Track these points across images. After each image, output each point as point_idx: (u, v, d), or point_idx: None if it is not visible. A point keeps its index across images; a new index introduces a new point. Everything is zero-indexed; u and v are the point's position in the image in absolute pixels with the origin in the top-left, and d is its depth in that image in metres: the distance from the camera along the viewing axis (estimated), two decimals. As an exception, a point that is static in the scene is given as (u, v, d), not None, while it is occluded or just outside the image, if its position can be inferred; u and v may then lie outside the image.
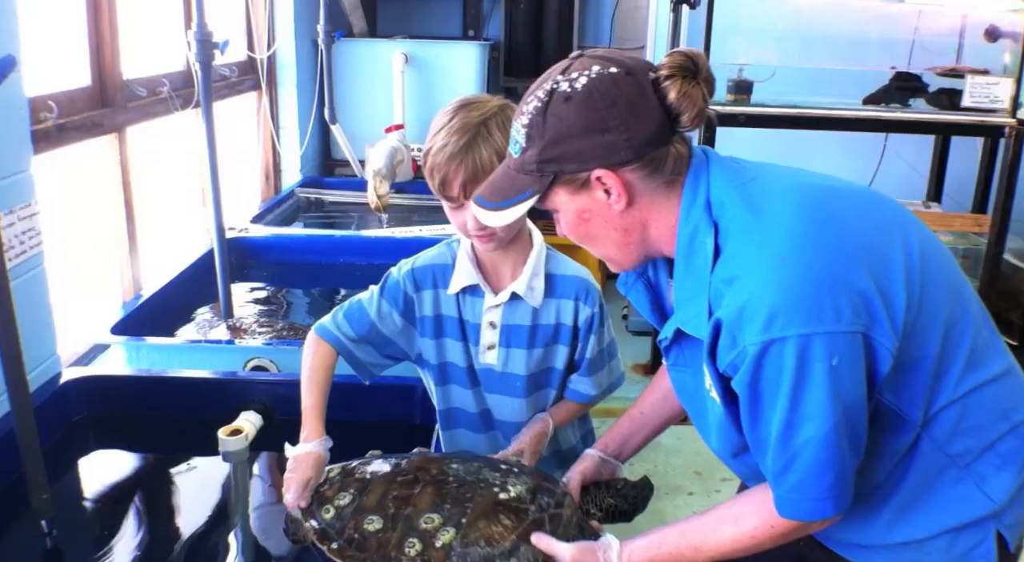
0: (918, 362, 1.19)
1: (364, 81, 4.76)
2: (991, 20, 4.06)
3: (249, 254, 3.35)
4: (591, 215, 1.25)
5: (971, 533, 1.28)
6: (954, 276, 1.27)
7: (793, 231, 1.16)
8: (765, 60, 3.78)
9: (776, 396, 1.13)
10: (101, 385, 2.18)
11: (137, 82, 3.00)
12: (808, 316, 1.10)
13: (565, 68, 1.21)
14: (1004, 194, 3.90)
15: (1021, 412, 1.29)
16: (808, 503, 1.18)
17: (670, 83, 1.18)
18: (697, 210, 1.22)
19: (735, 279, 1.15)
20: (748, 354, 1.12)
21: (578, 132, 1.18)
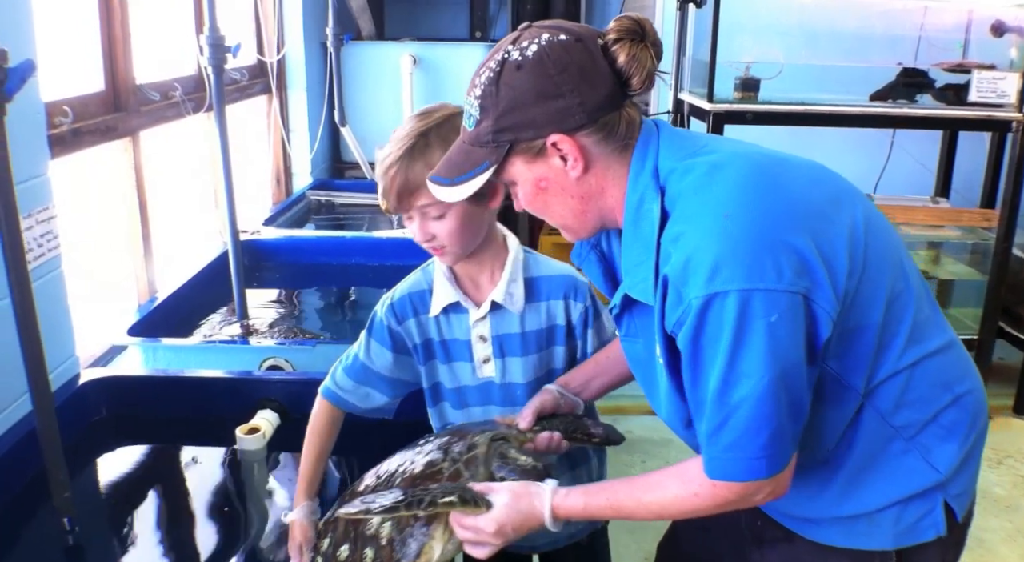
0: (860, 331, 1.20)
1: (373, 83, 4.79)
2: (997, 15, 4.06)
3: (262, 256, 3.38)
4: (548, 183, 1.25)
5: (919, 504, 1.30)
6: (898, 252, 1.29)
7: (740, 189, 1.17)
8: (772, 58, 3.79)
9: (715, 351, 1.13)
10: (119, 386, 2.21)
11: (150, 86, 3.03)
12: (750, 271, 1.11)
13: (515, 38, 1.22)
14: (1012, 189, 3.90)
15: (963, 384, 1.31)
16: (741, 463, 1.17)
17: (619, 47, 1.20)
18: (645, 177, 1.23)
19: (681, 235, 1.16)
20: (692, 308, 1.13)
21: (531, 99, 1.19)
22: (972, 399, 1.33)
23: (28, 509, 1.82)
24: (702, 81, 3.68)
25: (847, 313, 1.18)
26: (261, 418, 2.04)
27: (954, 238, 4.37)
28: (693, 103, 3.81)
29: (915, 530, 1.31)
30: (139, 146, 2.96)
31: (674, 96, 3.95)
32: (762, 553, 1.43)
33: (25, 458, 1.85)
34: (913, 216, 4.21)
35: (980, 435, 1.36)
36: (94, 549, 1.73)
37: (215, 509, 1.82)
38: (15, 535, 1.77)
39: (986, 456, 3.73)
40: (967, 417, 1.31)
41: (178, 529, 1.76)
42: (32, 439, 1.73)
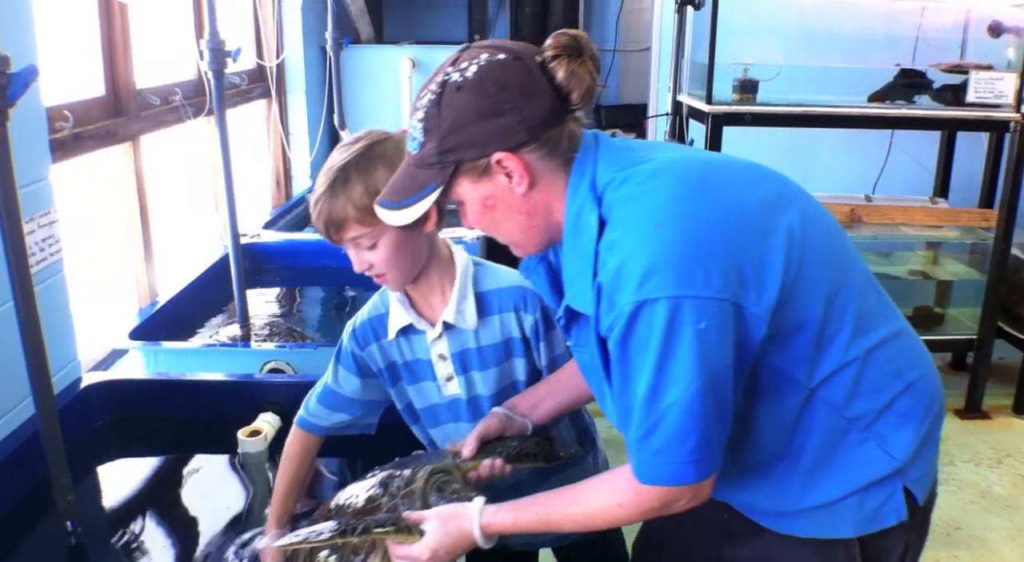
0: (800, 328, 1.23)
1: (372, 87, 4.80)
2: (994, 15, 4.07)
3: (262, 259, 3.39)
4: (495, 201, 1.26)
5: (879, 491, 1.32)
6: (838, 246, 1.31)
7: (672, 198, 1.19)
8: (770, 59, 3.80)
9: (644, 358, 1.16)
10: (121, 389, 2.22)
11: (150, 91, 3.04)
12: (679, 279, 1.13)
13: (455, 59, 1.24)
14: (1010, 188, 3.91)
15: (914, 371, 1.34)
16: (670, 467, 1.19)
17: (556, 63, 1.22)
18: (583, 189, 1.25)
19: (615, 242, 1.18)
20: (622, 314, 1.15)
21: (473, 118, 1.20)
22: (925, 384, 1.35)
23: (31, 512, 1.83)
24: (700, 83, 3.69)
25: (783, 312, 1.20)
26: (262, 421, 2.05)
27: (953, 238, 4.37)
28: (692, 105, 3.82)
29: (877, 516, 1.33)
30: (139, 150, 2.97)
31: (673, 98, 3.96)
32: (733, 547, 1.45)
33: (28, 462, 1.86)
34: (912, 216, 4.21)
35: (936, 418, 1.38)
36: (96, 552, 1.74)
37: (217, 512, 1.82)
38: (18, 538, 1.77)
39: (986, 455, 3.75)
40: (921, 402, 1.34)
41: (180, 532, 1.77)
42: (35, 443, 1.73)
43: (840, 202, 4.03)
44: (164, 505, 1.86)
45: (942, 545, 3.16)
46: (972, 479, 3.59)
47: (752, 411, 1.30)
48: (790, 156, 4.81)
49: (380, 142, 1.50)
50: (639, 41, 5.99)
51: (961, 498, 3.45)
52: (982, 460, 3.74)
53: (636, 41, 6.08)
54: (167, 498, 1.89)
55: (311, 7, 4.47)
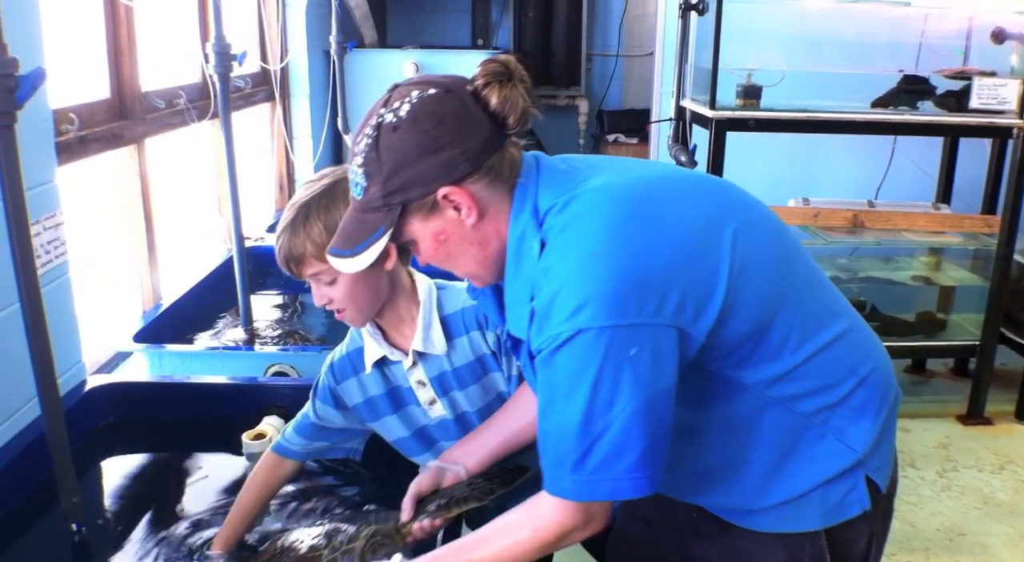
0: (747, 335, 1.25)
1: (376, 91, 4.70)
2: (998, 22, 4.07)
3: (265, 262, 3.38)
4: (447, 235, 1.27)
5: (841, 483, 1.35)
6: (782, 252, 1.32)
7: (607, 227, 1.19)
8: (774, 65, 3.80)
9: (574, 385, 1.16)
10: (125, 392, 2.22)
11: (155, 94, 3.05)
12: (611, 309, 1.14)
13: (386, 100, 1.24)
14: (1013, 194, 3.91)
15: (866, 365, 1.36)
16: (608, 483, 1.20)
17: (488, 90, 1.23)
18: (525, 215, 1.25)
19: (550, 269, 1.19)
20: (552, 342, 1.16)
21: (414, 157, 1.20)
22: (878, 376, 1.37)
23: (36, 513, 1.83)
24: (704, 88, 3.69)
25: (727, 324, 1.22)
26: (267, 424, 2.06)
27: (956, 244, 4.38)
28: (695, 110, 3.82)
29: (841, 508, 1.35)
30: (144, 153, 2.98)
31: (676, 104, 3.96)
32: (703, 545, 1.47)
33: (33, 463, 1.87)
34: (915, 222, 4.22)
35: (892, 408, 1.41)
36: (100, 553, 1.74)
37: (221, 514, 1.82)
38: (23, 539, 1.78)
39: (988, 461, 3.75)
40: (876, 394, 1.36)
41: (184, 534, 1.77)
42: (40, 444, 1.74)
43: (843, 207, 4.03)
44: (168, 507, 1.86)
45: (945, 551, 3.16)
46: (975, 485, 3.59)
47: (704, 417, 1.32)
48: (793, 162, 4.83)
49: (344, 179, 1.47)
50: (642, 46, 6.00)
51: (964, 504, 3.45)
52: (984, 466, 3.73)
53: (639, 46, 6.09)
54: (171, 500, 1.89)
55: (315, 11, 4.48)
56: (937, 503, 3.44)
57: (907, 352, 4.39)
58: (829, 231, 3.99)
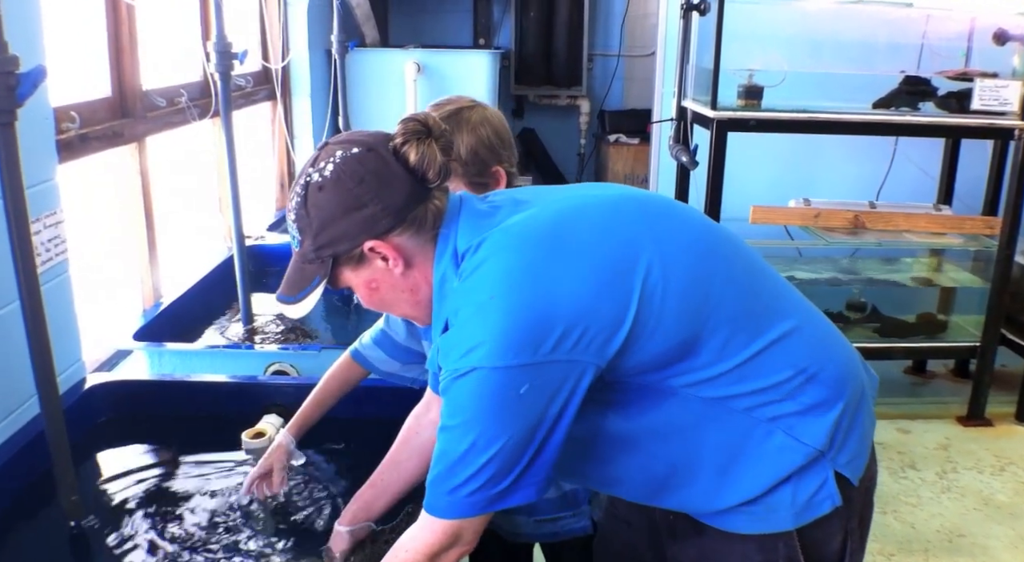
0: (662, 354, 1.28)
1: (377, 90, 4.81)
2: (999, 23, 4.07)
3: (266, 261, 3.39)
4: (378, 284, 1.35)
5: (808, 480, 1.36)
6: (707, 268, 1.34)
7: (507, 272, 1.24)
8: (775, 65, 3.81)
9: (466, 418, 1.22)
10: (125, 390, 2.22)
11: (156, 92, 3.05)
12: (505, 351, 1.19)
13: (314, 160, 1.31)
14: (1014, 196, 3.91)
15: (815, 363, 1.37)
16: (482, 503, 1.25)
17: (408, 147, 1.29)
18: (445, 259, 1.31)
19: (456, 311, 1.25)
20: (451, 375, 1.22)
21: (339, 214, 1.27)
22: (830, 371, 1.38)
23: (35, 511, 1.83)
24: (705, 89, 3.70)
25: (640, 348, 1.25)
26: (266, 422, 2.05)
27: (957, 245, 4.37)
28: (697, 110, 3.82)
29: (811, 505, 1.36)
30: (145, 151, 2.98)
31: (678, 104, 3.97)
32: (679, 546, 1.49)
33: (32, 461, 1.86)
34: (916, 223, 4.22)
35: (856, 402, 1.41)
36: (100, 551, 1.74)
37: (220, 513, 1.82)
38: (22, 536, 1.78)
39: (989, 463, 3.75)
40: (827, 390, 1.36)
41: (184, 532, 1.77)
42: (39, 442, 1.74)
43: (844, 208, 4.03)
44: (168, 506, 1.86)
45: (945, 552, 3.16)
46: (975, 486, 3.59)
47: (641, 426, 1.35)
48: (794, 162, 4.83)
49: (469, 108, 1.68)
50: (644, 46, 6.01)
51: (964, 506, 3.45)
52: (985, 467, 3.73)
53: (641, 46, 6.09)
54: (171, 499, 1.89)
55: (317, 10, 4.48)
56: (937, 504, 3.44)
57: (907, 353, 4.39)
58: (830, 232, 3.99)
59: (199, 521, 1.80)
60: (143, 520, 1.80)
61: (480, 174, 1.70)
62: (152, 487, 1.93)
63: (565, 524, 1.92)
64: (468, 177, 1.69)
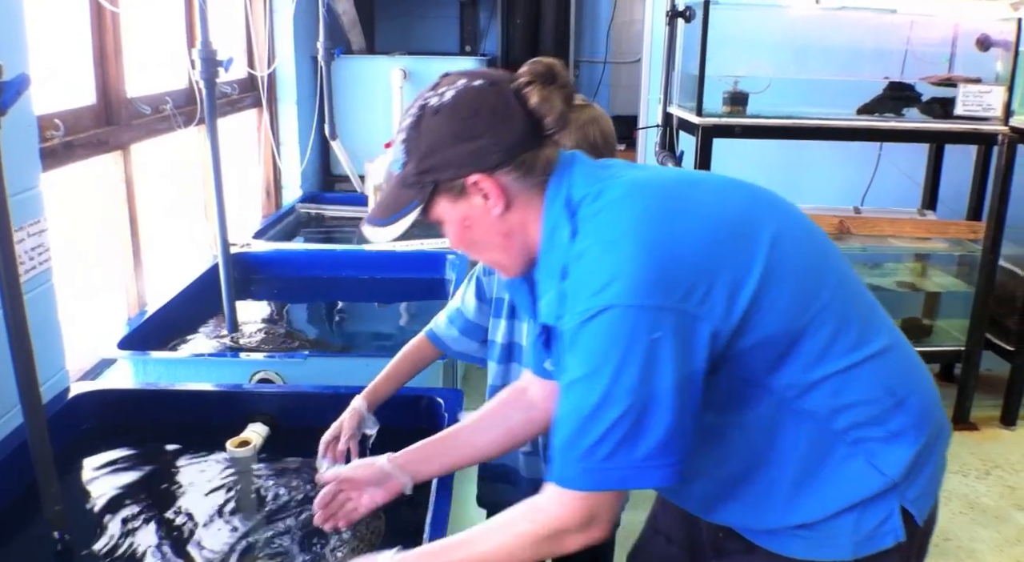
0: (772, 339, 1.23)
1: (363, 97, 4.80)
2: (983, 29, 4.10)
3: (251, 269, 3.38)
4: (472, 222, 1.31)
5: (874, 511, 1.30)
6: (820, 260, 1.31)
7: (640, 213, 1.22)
8: (760, 72, 3.82)
9: (598, 364, 1.16)
10: (109, 399, 2.21)
11: (141, 100, 3.04)
12: (639, 288, 1.15)
13: (435, 85, 1.31)
14: (998, 201, 3.93)
15: (904, 387, 1.32)
16: (619, 472, 1.18)
17: (530, 89, 1.27)
18: (557, 207, 1.28)
19: (582, 253, 1.21)
20: (578, 319, 1.17)
21: (450, 141, 1.25)
22: (917, 401, 1.33)
23: (19, 521, 1.82)
24: (691, 95, 3.70)
25: (750, 326, 1.21)
26: (251, 431, 2.05)
27: (941, 250, 4.39)
28: (682, 117, 3.83)
29: (874, 537, 1.31)
30: (130, 159, 2.97)
31: (663, 110, 3.98)
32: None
33: (16, 471, 1.85)
34: (900, 228, 4.23)
35: (934, 437, 1.35)
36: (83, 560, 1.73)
37: (206, 522, 1.81)
38: (6, 547, 1.76)
39: (974, 466, 3.76)
40: (912, 420, 1.32)
41: (168, 542, 1.76)
42: (22, 452, 1.72)
43: (829, 214, 4.04)
44: (152, 515, 1.85)
45: (931, 556, 3.15)
46: (961, 490, 3.60)
47: (728, 420, 1.29)
48: (779, 168, 4.84)
49: (580, 108, 1.69)
50: (630, 53, 6.02)
51: (950, 509, 3.46)
52: (970, 471, 3.75)
53: (627, 53, 6.10)
54: (155, 508, 1.88)
55: (303, 17, 4.48)
56: (923, 509, 3.44)
57: (893, 358, 4.41)
58: (815, 237, 4.00)
59: (184, 530, 1.79)
60: (127, 530, 1.79)
61: None
62: (136, 496, 1.92)
63: None
64: None
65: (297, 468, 1.99)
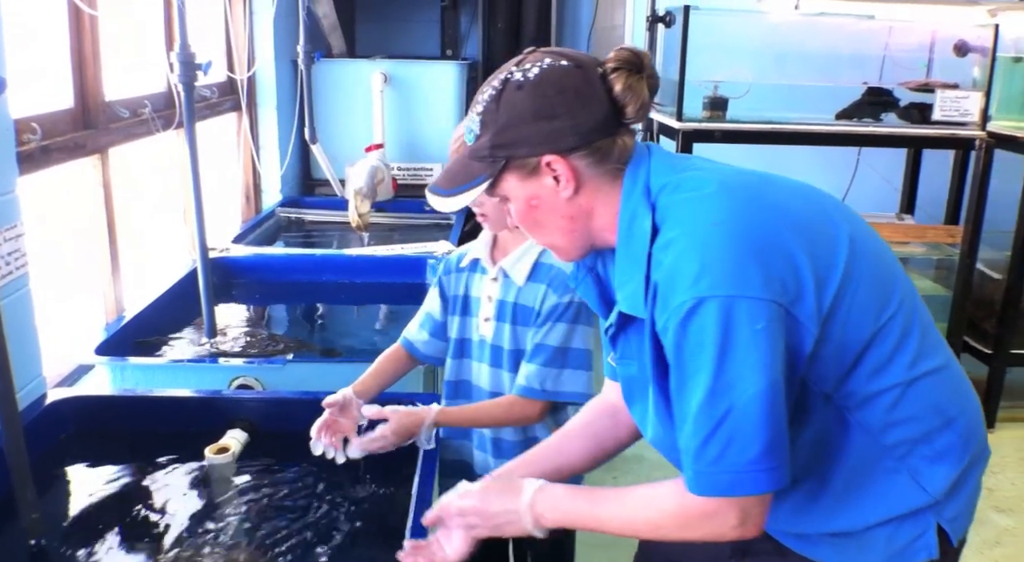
0: (843, 345, 1.22)
1: (344, 101, 4.79)
2: (960, 35, 4.13)
3: (231, 274, 3.36)
4: (539, 202, 1.30)
5: (910, 526, 1.30)
6: (888, 270, 1.31)
7: (730, 201, 1.22)
8: (740, 77, 3.84)
9: (700, 359, 1.14)
10: (87, 406, 2.18)
11: (119, 103, 3.01)
12: (735, 278, 1.14)
13: (519, 61, 1.29)
14: (976, 205, 3.96)
15: (954, 407, 1.33)
16: (726, 476, 1.16)
17: (616, 76, 1.26)
18: (636, 195, 1.27)
19: (671, 242, 1.20)
20: (677, 313, 1.15)
21: (529, 118, 1.24)
22: (964, 421, 1.33)
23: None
24: (671, 99, 3.72)
25: (830, 328, 1.20)
26: (230, 437, 2.03)
27: (919, 254, 4.42)
28: (662, 121, 3.85)
29: (907, 552, 1.31)
30: (108, 163, 2.94)
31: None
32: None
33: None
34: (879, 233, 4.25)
35: (975, 460, 1.36)
36: (61, 570, 1.71)
37: (184, 530, 1.80)
38: (-20, 557, 1.74)
39: (953, 470, 3.77)
40: (959, 440, 1.32)
41: (146, 550, 1.74)
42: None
43: (809, 218, 4.06)
44: (130, 522, 1.83)
45: (910, 559, 3.18)
46: (939, 493, 3.61)
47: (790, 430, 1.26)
48: (759, 172, 4.86)
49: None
50: (610, 57, 6.02)
51: (928, 512, 3.47)
52: (949, 474, 3.76)
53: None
54: (133, 515, 1.86)
55: (283, 20, 4.46)
56: (902, 511, 3.46)
57: (873, 361, 4.43)
58: (795, 242, 4.02)
59: (161, 538, 1.78)
60: (104, 538, 1.77)
61: None
62: (114, 504, 1.90)
63: None
64: None
65: (277, 474, 1.98)
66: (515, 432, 1.96)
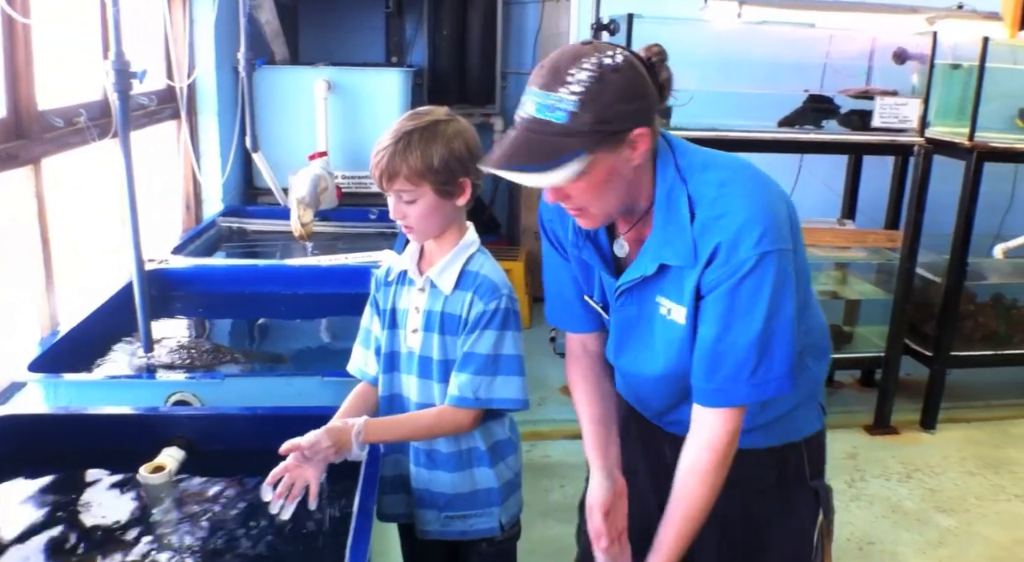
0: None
1: (286, 108, 4.73)
2: (899, 43, 4.21)
3: (170, 286, 3.29)
4: (616, 172, 1.47)
5: (808, 406, 1.79)
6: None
7: (755, 175, 1.55)
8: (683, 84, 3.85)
9: (759, 303, 1.46)
10: (19, 424, 2.12)
11: (53, 112, 2.94)
12: (779, 236, 1.47)
13: (599, 49, 1.44)
14: (915, 210, 4.03)
15: (820, 328, 1.82)
16: (775, 382, 1.51)
17: (660, 66, 1.49)
18: (671, 172, 1.53)
19: (724, 214, 1.47)
20: (740, 269, 1.45)
21: (628, 97, 1.42)
22: (824, 337, 1.83)
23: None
24: (615, 107, 3.71)
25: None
26: (166, 455, 1.98)
27: (860, 259, 4.49)
28: (607, 129, 3.84)
29: (809, 423, 1.80)
30: (41, 174, 2.87)
31: (588, 122, 3.99)
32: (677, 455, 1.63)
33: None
34: (821, 238, 4.31)
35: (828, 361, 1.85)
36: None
37: (120, 550, 1.75)
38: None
39: (895, 470, 3.83)
40: (825, 347, 1.82)
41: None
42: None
43: (753, 224, 4.10)
44: (62, 543, 1.78)
45: (855, 560, 3.21)
46: (883, 494, 3.67)
47: None
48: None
49: (445, 122, 1.82)
50: (556, 64, 6.03)
51: (872, 513, 3.52)
52: (892, 475, 3.82)
53: (553, 64, 6.11)
54: (67, 535, 1.81)
55: (224, 27, 4.39)
56: (847, 513, 3.51)
57: (816, 365, 4.49)
58: (740, 247, 4.05)
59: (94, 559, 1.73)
60: (36, 558, 1.72)
61: (448, 183, 1.82)
62: (47, 524, 1.85)
63: (473, 523, 1.98)
64: (437, 184, 1.81)
65: (214, 492, 1.94)
66: (449, 443, 1.94)
